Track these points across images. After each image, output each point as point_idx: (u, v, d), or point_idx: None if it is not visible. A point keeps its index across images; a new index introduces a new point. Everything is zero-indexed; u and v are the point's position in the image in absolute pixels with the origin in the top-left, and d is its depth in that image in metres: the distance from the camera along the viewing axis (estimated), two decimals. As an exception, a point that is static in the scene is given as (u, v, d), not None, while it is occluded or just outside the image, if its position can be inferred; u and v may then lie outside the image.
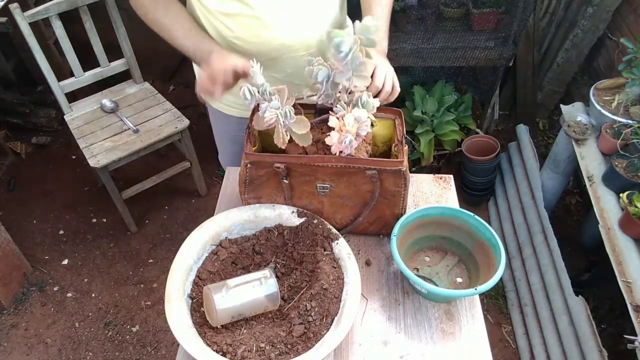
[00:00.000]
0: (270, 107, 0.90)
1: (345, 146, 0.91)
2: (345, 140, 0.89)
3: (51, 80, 2.03)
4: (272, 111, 0.90)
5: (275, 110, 0.90)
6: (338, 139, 0.90)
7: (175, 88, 3.14)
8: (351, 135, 0.89)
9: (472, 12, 2.11)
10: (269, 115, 0.90)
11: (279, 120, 0.91)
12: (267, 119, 0.90)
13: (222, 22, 1.07)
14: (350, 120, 0.89)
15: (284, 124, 0.92)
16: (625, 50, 1.67)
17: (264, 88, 0.89)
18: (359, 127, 0.90)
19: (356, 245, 1.12)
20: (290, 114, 0.91)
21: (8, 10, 1.84)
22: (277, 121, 0.91)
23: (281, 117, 0.90)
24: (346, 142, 0.90)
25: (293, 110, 0.91)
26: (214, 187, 2.55)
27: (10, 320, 2.04)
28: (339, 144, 0.91)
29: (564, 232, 2.01)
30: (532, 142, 2.19)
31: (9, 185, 2.57)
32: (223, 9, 1.05)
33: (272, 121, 0.91)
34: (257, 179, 1.03)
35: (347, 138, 0.89)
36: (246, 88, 0.89)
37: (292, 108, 0.91)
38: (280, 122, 0.91)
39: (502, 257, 0.96)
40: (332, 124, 0.91)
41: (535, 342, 1.80)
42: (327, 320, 0.91)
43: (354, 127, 0.89)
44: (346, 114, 0.90)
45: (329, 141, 0.92)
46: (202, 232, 1.03)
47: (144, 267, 2.24)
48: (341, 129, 0.90)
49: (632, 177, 1.55)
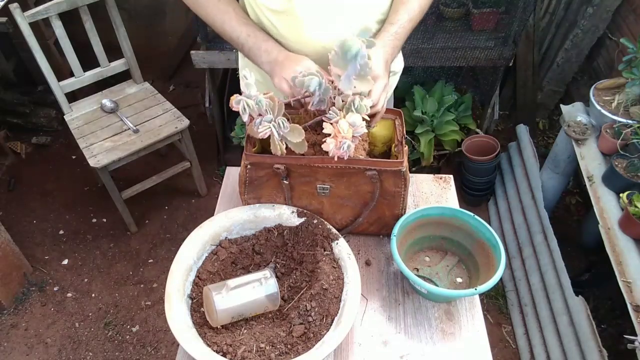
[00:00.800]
0: (264, 121, 0.90)
1: (344, 152, 0.90)
2: (344, 146, 0.88)
3: (51, 80, 2.03)
4: (265, 124, 0.90)
5: (268, 124, 0.90)
6: (335, 145, 0.89)
7: (175, 88, 3.14)
8: (349, 141, 0.88)
9: (472, 12, 2.11)
10: (263, 129, 0.90)
11: (274, 132, 0.91)
12: (261, 134, 0.90)
13: (269, 18, 1.04)
14: (345, 126, 0.88)
15: (279, 135, 0.92)
16: (625, 50, 1.67)
17: (258, 100, 0.89)
18: (354, 131, 0.89)
19: (356, 246, 1.12)
20: (283, 124, 0.90)
21: (8, 10, 1.84)
22: (271, 133, 0.91)
23: (275, 129, 0.90)
24: (344, 148, 0.89)
25: (286, 120, 0.91)
26: (214, 187, 2.56)
27: (10, 320, 2.04)
28: (336, 150, 0.90)
29: (564, 232, 2.01)
30: (532, 142, 2.19)
31: (9, 185, 2.57)
32: (270, 5, 1.02)
33: (267, 135, 0.91)
34: (257, 180, 1.03)
35: (345, 144, 0.88)
36: (243, 101, 0.89)
37: (284, 118, 0.90)
38: (275, 133, 0.91)
39: (502, 257, 0.96)
40: (326, 131, 0.90)
41: (535, 342, 1.80)
42: (327, 321, 0.91)
43: (350, 133, 0.88)
44: (340, 119, 0.89)
45: (325, 147, 0.91)
46: (201, 232, 1.03)
47: (144, 267, 2.24)
48: (336, 135, 0.89)
49: (632, 177, 1.55)
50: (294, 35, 1.05)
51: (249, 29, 1.04)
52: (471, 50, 2.11)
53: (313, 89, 0.90)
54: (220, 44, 2.16)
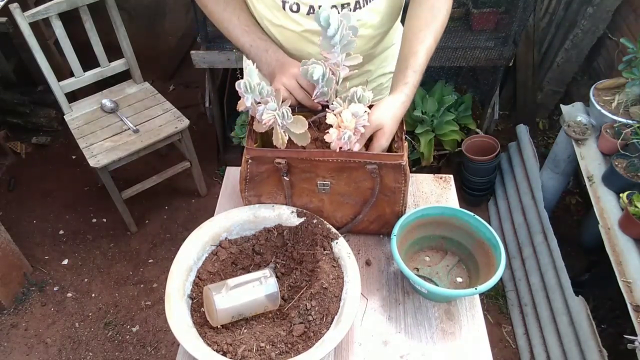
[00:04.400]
0: (268, 109, 0.90)
1: (344, 142, 0.91)
2: (344, 136, 0.89)
3: (51, 80, 2.03)
4: (269, 112, 0.90)
5: (272, 112, 0.90)
6: (337, 136, 0.90)
7: (175, 88, 3.14)
8: (349, 131, 0.89)
9: (472, 12, 2.11)
10: (267, 116, 0.90)
11: (277, 121, 0.91)
12: (265, 121, 0.91)
13: (269, 29, 1.06)
14: (348, 116, 0.89)
15: (282, 125, 0.92)
16: (625, 50, 1.67)
17: (261, 87, 0.89)
18: (357, 122, 0.90)
19: (356, 245, 1.12)
20: (287, 114, 0.91)
21: (8, 10, 1.84)
22: (275, 122, 0.91)
23: (279, 117, 0.91)
24: (345, 138, 0.90)
25: (290, 110, 0.91)
26: (214, 187, 2.56)
27: (10, 320, 2.04)
28: (338, 141, 0.91)
29: (564, 232, 2.01)
30: (532, 142, 2.19)
31: (9, 185, 2.57)
32: (270, 17, 1.03)
33: (270, 122, 0.91)
34: (258, 176, 1.03)
35: (345, 134, 0.89)
36: (246, 82, 0.89)
37: (289, 108, 0.91)
38: (279, 122, 0.91)
39: (502, 257, 0.96)
40: (329, 121, 0.91)
41: (535, 342, 1.80)
42: (327, 320, 0.91)
43: (352, 123, 0.89)
44: (343, 110, 0.90)
45: (327, 138, 0.92)
46: (201, 232, 1.03)
47: (144, 267, 2.24)
48: (339, 126, 0.90)
49: (632, 177, 1.55)
50: (293, 49, 1.06)
51: (250, 38, 1.04)
52: (471, 50, 2.11)
53: (317, 77, 0.91)
54: (220, 44, 2.16)
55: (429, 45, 0.99)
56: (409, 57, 0.99)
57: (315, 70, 0.91)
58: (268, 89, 0.90)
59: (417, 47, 0.98)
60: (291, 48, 1.07)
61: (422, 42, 0.98)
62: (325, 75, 0.92)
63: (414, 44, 0.99)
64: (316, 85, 0.94)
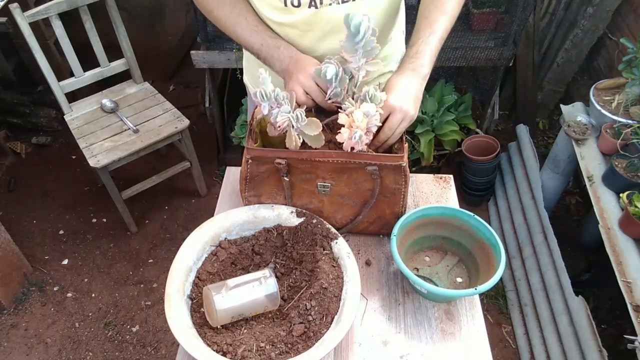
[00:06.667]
0: (282, 112, 0.90)
1: (355, 142, 0.91)
2: (355, 136, 0.90)
3: (51, 80, 2.03)
4: (284, 115, 0.90)
5: (286, 114, 0.90)
6: (348, 135, 0.90)
7: (175, 88, 3.14)
8: (361, 131, 0.89)
9: (472, 12, 2.11)
10: (281, 119, 0.90)
11: (291, 124, 0.91)
12: (279, 123, 0.91)
13: (271, 27, 1.06)
14: (360, 115, 0.89)
15: (296, 127, 0.92)
16: (625, 50, 1.67)
17: (276, 94, 0.90)
18: (369, 122, 0.90)
19: (356, 245, 1.12)
20: (301, 117, 0.91)
21: (8, 10, 1.84)
22: (289, 125, 0.92)
23: (293, 120, 0.91)
24: (356, 138, 0.90)
25: (304, 113, 0.91)
26: (214, 187, 2.56)
27: (10, 320, 2.04)
28: (349, 140, 0.91)
29: (564, 232, 2.01)
30: (532, 142, 2.19)
31: (9, 185, 2.57)
32: (272, 17, 1.03)
33: (285, 125, 0.91)
34: (258, 176, 1.03)
35: (356, 133, 0.89)
36: (261, 90, 0.89)
37: (302, 111, 0.91)
38: (293, 125, 0.91)
39: (502, 257, 0.96)
40: (341, 121, 0.91)
41: (535, 342, 1.80)
42: (327, 319, 0.91)
43: (364, 122, 0.90)
44: (355, 110, 0.90)
45: (339, 138, 0.92)
46: (201, 233, 1.03)
47: (144, 267, 2.24)
48: (351, 125, 0.90)
49: (632, 177, 1.55)
50: (294, 45, 1.06)
51: (260, 37, 1.04)
52: (471, 50, 2.11)
53: (330, 76, 0.91)
54: (221, 44, 2.16)
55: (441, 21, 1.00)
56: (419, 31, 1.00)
57: (328, 70, 0.91)
58: (282, 94, 0.90)
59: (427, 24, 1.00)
60: (295, 45, 1.06)
61: (434, 22, 1.00)
62: (338, 75, 0.92)
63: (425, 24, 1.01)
64: (329, 85, 0.94)
